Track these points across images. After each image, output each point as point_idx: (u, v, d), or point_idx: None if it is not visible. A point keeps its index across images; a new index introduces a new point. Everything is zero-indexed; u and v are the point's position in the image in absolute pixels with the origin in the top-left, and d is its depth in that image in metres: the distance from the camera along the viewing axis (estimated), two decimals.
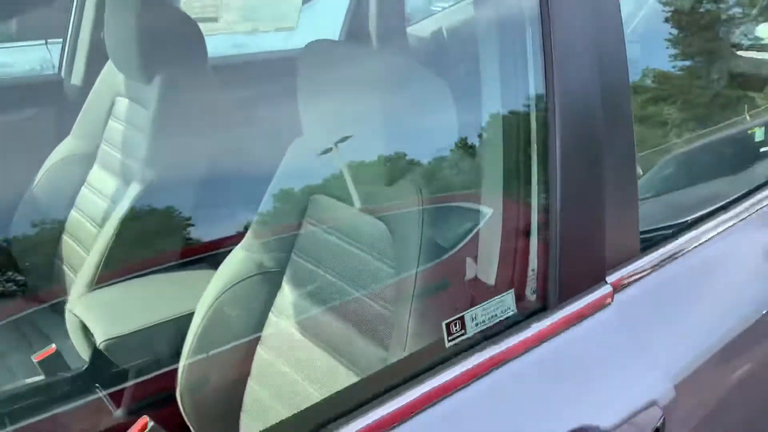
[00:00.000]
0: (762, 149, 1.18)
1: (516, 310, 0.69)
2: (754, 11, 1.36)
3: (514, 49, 0.68)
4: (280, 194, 0.92)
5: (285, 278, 0.92)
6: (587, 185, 0.73)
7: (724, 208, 0.96)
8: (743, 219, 0.97)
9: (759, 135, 1.18)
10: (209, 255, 1.03)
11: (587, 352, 0.72)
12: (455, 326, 0.63)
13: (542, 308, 0.71)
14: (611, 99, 0.73)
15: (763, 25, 1.42)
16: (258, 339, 0.92)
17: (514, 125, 0.70)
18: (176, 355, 0.92)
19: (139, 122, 1.28)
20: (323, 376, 0.83)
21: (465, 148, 0.81)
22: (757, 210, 0.99)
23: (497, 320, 0.67)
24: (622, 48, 0.75)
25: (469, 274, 0.74)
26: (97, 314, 0.99)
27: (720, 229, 0.93)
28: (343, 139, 0.80)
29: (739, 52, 1.44)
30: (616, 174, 0.76)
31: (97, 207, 1.25)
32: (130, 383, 0.93)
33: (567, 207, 0.70)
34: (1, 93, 1.73)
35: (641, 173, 0.96)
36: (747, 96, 1.33)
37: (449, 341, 0.63)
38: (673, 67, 1.41)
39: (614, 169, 0.76)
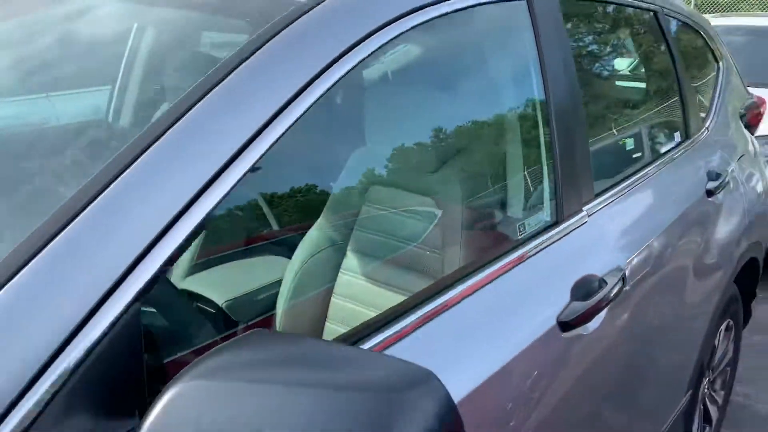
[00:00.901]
0: (633, 155, 1.69)
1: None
2: (608, 48, 1.86)
3: (525, 71, 1.16)
4: (344, 188, 1.34)
5: (349, 246, 1.32)
6: (570, 151, 1.23)
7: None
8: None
9: (629, 144, 1.67)
10: (283, 238, 1.42)
11: (583, 245, 1.19)
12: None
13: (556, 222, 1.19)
14: (574, 100, 1.23)
15: (619, 59, 1.94)
16: (332, 290, 1.31)
17: (530, 115, 1.19)
18: (273, 307, 1.30)
19: None
20: (380, 302, 1.22)
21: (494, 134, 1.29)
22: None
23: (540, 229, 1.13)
24: (574, 71, 1.24)
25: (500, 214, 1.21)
26: (210, 286, 1.36)
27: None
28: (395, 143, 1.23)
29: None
30: (581, 143, 1.25)
31: None
32: (240, 327, 1.30)
33: (562, 159, 1.19)
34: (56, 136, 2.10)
35: None
36: (613, 115, 1.84)
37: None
38: None
39: (580, 139, 1.25)
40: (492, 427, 0.98)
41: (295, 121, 0.80)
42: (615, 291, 1.19)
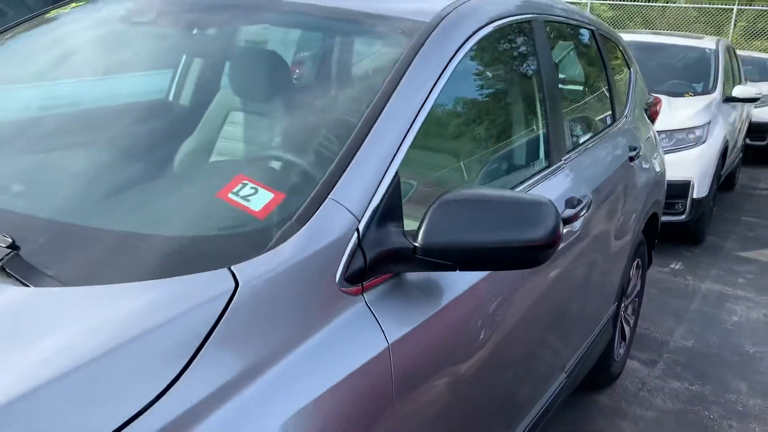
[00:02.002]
0: (585, 131, 2.46)
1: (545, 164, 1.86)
2: (568, 57, 2.60)
3: (535, 77, 1.84)
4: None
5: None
6: (555, 128, 1.91)
7: None
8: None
9: (583, 124, 2.45)
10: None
11: (564, 179, 1.88)
12: None
13: (548, 165, 1.86)
14: (556, 97, 1.93)
15: (573, 66, 2.70)
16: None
17: (535, 108, 1.86)
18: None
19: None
20: None
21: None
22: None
23: (541, 168, 1.81)
24: (557, 77, 1.94)
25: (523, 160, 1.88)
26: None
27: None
28: None
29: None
30: (560, 123, 1.94)
31: None
32: None
33: (551, 133, 1.87)
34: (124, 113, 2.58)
35: None
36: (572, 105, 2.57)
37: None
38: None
39: (560, 121, 1.93)
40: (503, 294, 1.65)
41: (436, 97, 1.42)
42: (586, 206, 1.90)
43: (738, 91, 5.94)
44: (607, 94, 2.76)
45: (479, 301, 1.44)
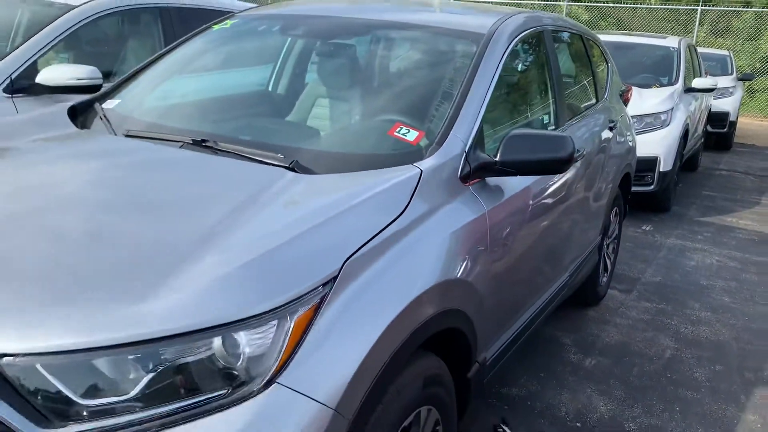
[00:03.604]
0: (579, 106, 3.41)
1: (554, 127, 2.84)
2: (566, 56, 3.58)
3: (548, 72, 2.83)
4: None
5: None
6: (559, 106, 2.90)
7: None
8: None
9: (577, 101, 3.41)
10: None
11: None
12: None
13: (556, 128, 2.84)
14: (561, 85, 2.91)
15: (568, 62, 3.70)
16: None
17: (545, 85, 2.84)
18: None
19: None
20: None
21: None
22: None
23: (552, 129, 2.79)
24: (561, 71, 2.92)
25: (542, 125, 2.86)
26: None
27: None
28: None
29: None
30: (564, 102, 2.93)
31: None
32: None
33: (557, 109, 2.86)
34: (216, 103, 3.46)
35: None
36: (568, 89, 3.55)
37: None
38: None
39: (563, 100, 2.92)
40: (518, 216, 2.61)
41: (497, 79, 2.37)
42: (582, 153, 2.87)
43: (696, 82, 7.00)
44: (592, 82, 3.75)
45: (527, 196, 2.40)
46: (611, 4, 19.14)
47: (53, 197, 1.74)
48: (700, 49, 10.93)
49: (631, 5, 19.61)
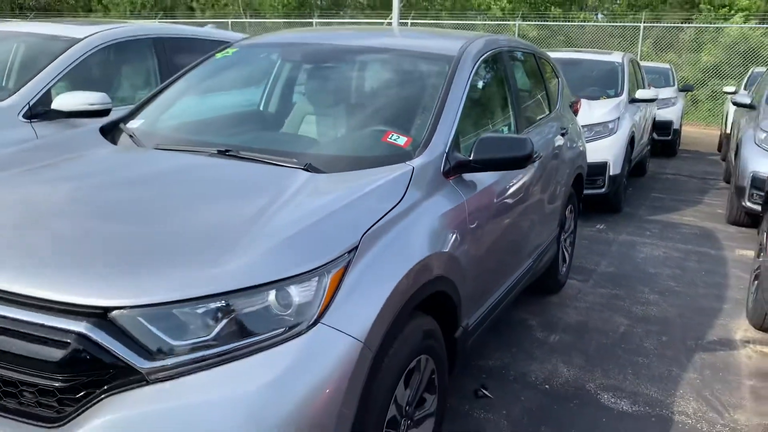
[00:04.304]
0: (533, 117, 3.94)
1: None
2: (521, 72, 4.12)
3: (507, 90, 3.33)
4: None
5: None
6: (518, 116, 3.40)
7: None
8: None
9: (531, 113, 3.94)
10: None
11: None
12: None
13: (516, 133, 3.34)
14: (520, 98, 3.42)
15: (523, 78, 4.22)
16: None
17: (505, 97, 3.34)
18: None
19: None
20: None
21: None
22: None
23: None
24: (518, 86, 3.43)
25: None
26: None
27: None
28: None
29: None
30: (521, 113, 3.44)
31: None
32: None
33: (516, 118, 3.36)
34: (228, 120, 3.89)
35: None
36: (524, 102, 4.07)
37: None
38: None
39: (521, 111, 3.43)
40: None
41: (467, 92, 2.86)
42: (539, 155, 3.36)
43: (640, 93, 7.65)
44: (545, 95, 4.28)
45: (495, 189, 2.88)
46: (560, 22, 20.10)
47: (125, 191, 2.16)
48: (644, 63, 11.74)
49: (580, 23, 20.61)
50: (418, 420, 2.32)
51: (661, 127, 10.68)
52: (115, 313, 1.66)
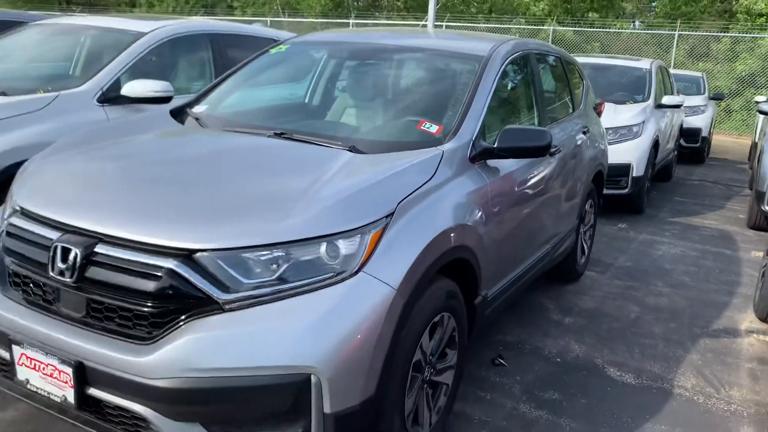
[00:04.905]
0: (557, 115, 4.26)
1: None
2: (548, 74, 4.43)
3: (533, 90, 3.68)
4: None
5: None
6: (542, 113, 3.74)
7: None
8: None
9: (556, 111, 4.26)
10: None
11: None
12: None
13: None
14: (545, 97, 3.76)
15: (549, 79, 4.54)
16: None
17: (530, 94, 3.69)
18: None
19: None
20: None
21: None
22: None
23: None
24: (543, 86, 3.76)
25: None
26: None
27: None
28: None
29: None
30: (545, 110, 3.78)
31: None
32: None
33: (540, 115, 3.70)
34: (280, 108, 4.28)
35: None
36: (551, 103, 4.39)
37: None
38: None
39: (545, 108, 3.77)
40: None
41: (495, 89, 3.20)
42: (559, 149, 3.69)
43: (665, 99, 7.89)
44: (569, 95, 4.60)
45: (516, 177, 3.23)
46: (595, 29, 20.25)
47: (201, 162, 2.58)
48: (676, 71, 11.93)
49: (616, 30, 20.72)
50: (440, 370, 2.68)
51: (689, 134, 10.86)
52: (198, 254, 2.04)
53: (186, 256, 2.04)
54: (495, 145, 2.92)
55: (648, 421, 3.09)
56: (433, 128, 2.93)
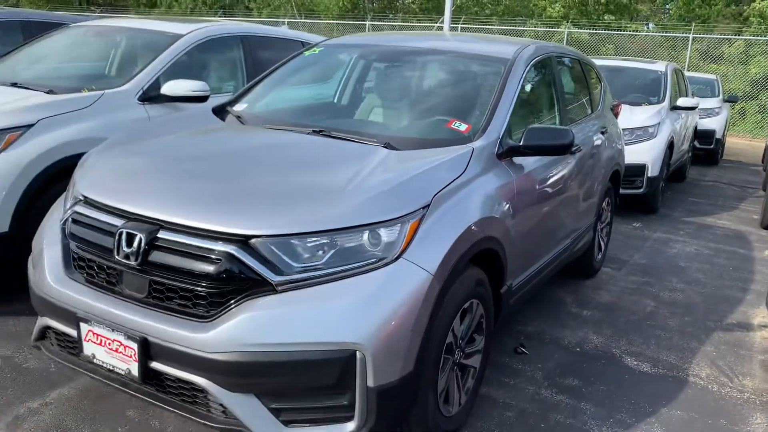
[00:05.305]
0: (577, 116, 4.42)
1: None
2: (568, 76, 4.60)
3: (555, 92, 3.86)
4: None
5: None
6: (564, 113, 3.91)
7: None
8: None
9: (576, 111, 4.42)
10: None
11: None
12: None
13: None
14: (567, 99, 3.93)
15: (569, 81, 4.71)
16: None
17: (552, 95, 3.86)
18: None
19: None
20: None
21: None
22: None
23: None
24: (564, 87, 3.94)
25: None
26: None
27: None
28: None
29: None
30: (566, 111, 3.95)
31: None
32: None
33: (561, 116, 3.87)
34: (316, 107, 4.46)
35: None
36: (570, 104, 4.55)
37: None
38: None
39: (566, 110, 3.93)
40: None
41: (519, 90, 3.38)
42: (579, 148, 3.86)
43: (680, 101, 8.03)
44: (588, 97, 4.76)
45: (541, 174, 3.40)
46: (611, 31, 20.35)
47: (249, 156, 2.78)
48: (690, 74, 12.03)
49: (630, 33, 20.80)
50: (469, 353, 2.85)
51: (703, 135, 10.97)
52: (253, 240, 2.23)
53: (242, 241, 2.23)
54: (521, 143, 3.09)
55: (664, 407, 3.25)
56: (462, 127, 3.11)
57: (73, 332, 2.44)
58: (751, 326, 4.39)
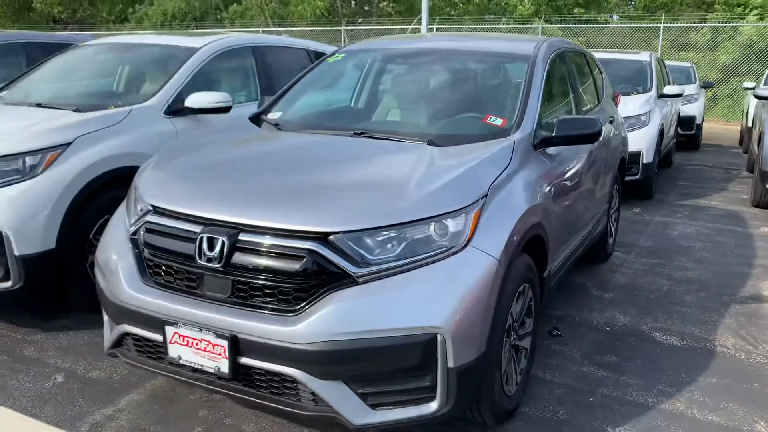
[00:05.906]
0: (586, 105, 4.61)
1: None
2: (578, 69, 4.81)
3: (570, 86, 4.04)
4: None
5: None
6: (578, 104, 4.10)
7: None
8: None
9: (585, 102, 4.62)
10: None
11: None
12: None
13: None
14: (579, 92, 4.12)
15: (579, 74, 4.91)
16: None
17: (567, 87, 4.05)
18: None
19: None
20: None
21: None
22: None
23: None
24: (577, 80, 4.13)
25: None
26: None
27: None
28: None
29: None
30: (580, 100, 4.14)
31: None
32: None
33: (576, 106, 4.06)
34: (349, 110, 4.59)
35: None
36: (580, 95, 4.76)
37: None
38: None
39: (580, 100, 4.12)
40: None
41: (543, 84, 3.55)
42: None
43: (667, 89, 8.30)
44: (594, 88, 4.97)
45: (571, 162, 3.58)
46: (582, 25, 20.76)
47: (306, 160, 2.91)
48: (667, 62, 12.35)
49: (600, 26, 21.24)
50: (522, 335, 3.01)
51: (684, 122, 11.29)
52: (332, 236, 2.37)
53: (322, 238, 2.36)
54: (553, 134, 3.26)
55: (700, 376, 3.44)
56: (498, 121, 3.27)
57: (156, 336, 2.54)
58: (763, 297, 4.61)
